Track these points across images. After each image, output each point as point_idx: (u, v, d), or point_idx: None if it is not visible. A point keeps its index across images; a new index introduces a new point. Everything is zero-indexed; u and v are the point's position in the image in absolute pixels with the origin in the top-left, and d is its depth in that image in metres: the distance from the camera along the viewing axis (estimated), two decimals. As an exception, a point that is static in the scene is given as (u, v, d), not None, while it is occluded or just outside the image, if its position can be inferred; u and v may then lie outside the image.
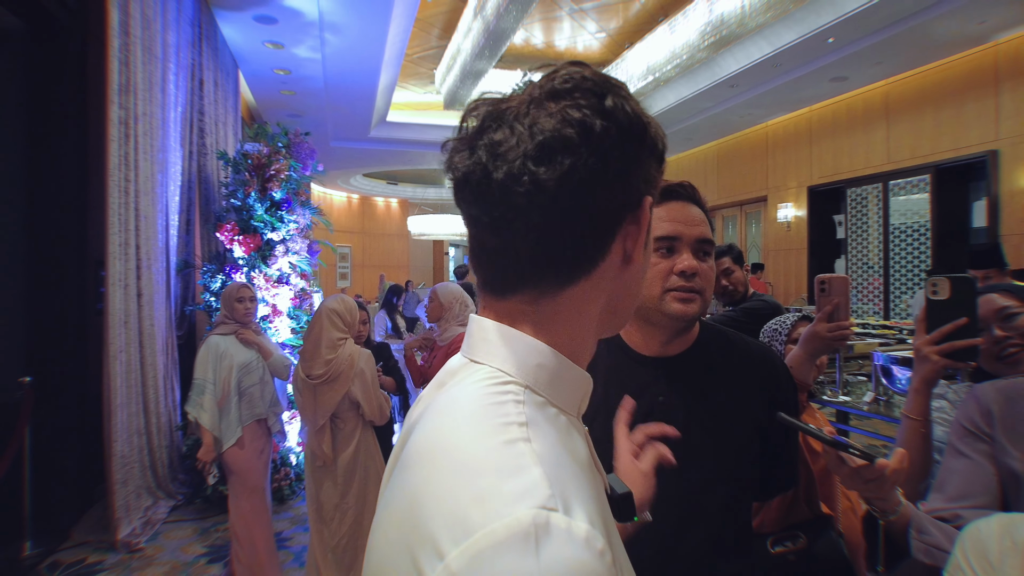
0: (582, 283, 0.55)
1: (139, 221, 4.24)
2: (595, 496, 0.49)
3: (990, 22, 6.04)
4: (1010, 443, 1.13)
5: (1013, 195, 6.51)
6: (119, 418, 3.96)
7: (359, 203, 18.20)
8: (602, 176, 0.52)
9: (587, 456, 0.56)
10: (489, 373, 0.54)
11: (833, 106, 8.76)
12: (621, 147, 0.53)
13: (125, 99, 4.05)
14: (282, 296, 4.98)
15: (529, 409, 0.51)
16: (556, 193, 0.51)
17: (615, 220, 0.55)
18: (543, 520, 0.40)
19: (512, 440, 0.46)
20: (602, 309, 0.58)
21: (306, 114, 9.11)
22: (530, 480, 0.43)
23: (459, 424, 0.50)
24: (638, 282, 0.61)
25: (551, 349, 0.55)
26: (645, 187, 0.57)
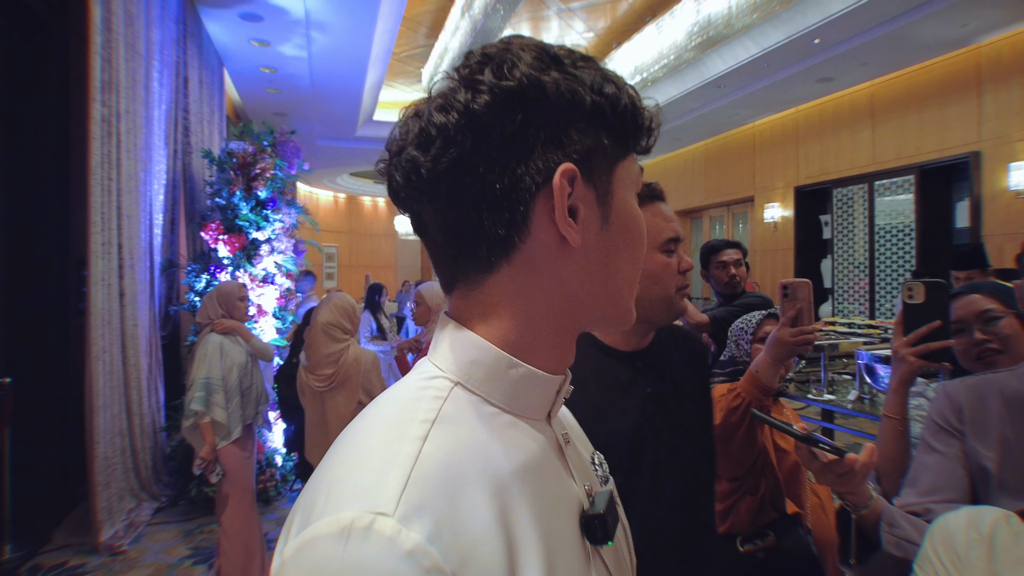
0: (504, 269, 0.52)
1: (122, 220, 4.20)
2: (495, 508, 0.44)
3: (972, 25, 6.11)
4: (979, 438, 1.14)
5: (995, 196, 6.59)
6: (101, 419, 3.92)
7: (346, 202, 18.13)
8: (480, 153, 0.49)
9: (535, 463, 0.51)
10: (426, 369, 0.54)
11: (819, 107, 8.82)
12: (503, 119, 0.49)
13: (108, 97, 4.01)
14: (267, 296, 4.95)
15: (450, 406, 0.49)
16: (438, 178, 0.50)
17: (516, 197, 0.50)
18: (364, 523, 0.39)
19: (402, 437, 0.45)
20: (555, 299, 0.53)
21: (292, 113, 9.07)
22: (381, 480, 0.42)
23: (375, 414, 0.50)
24: (601, 264, 0.54)
25: (490, 345, 0.52)
26: (561, 155, 0.50)
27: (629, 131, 0.55)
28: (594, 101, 0.51)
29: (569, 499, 0.54)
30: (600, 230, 0.53)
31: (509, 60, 0.50)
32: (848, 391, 3.70)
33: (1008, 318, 1.40)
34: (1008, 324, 1.40)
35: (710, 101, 8.80)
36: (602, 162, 0.53)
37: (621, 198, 0.55)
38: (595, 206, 0.53)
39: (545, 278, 0.52)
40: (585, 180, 0.52)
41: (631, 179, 0.56)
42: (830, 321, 6.73)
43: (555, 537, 0.48)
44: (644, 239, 0.57)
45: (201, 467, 3.08)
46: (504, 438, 0.50)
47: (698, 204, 11.62)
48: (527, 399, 0.54)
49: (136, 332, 4.37)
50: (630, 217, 0.56)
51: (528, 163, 0.49)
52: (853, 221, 8.49)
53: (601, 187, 0.53)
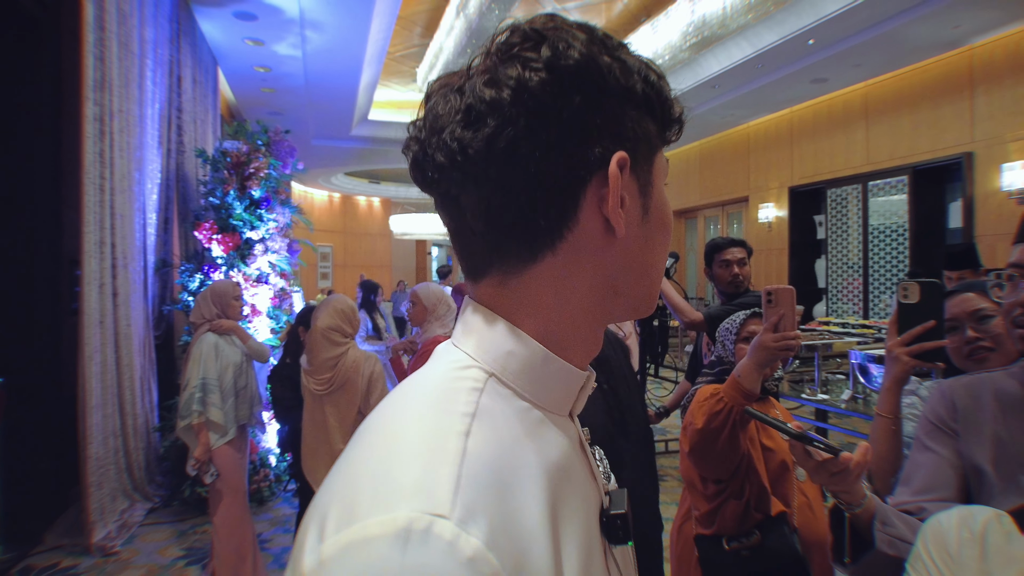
0: (548, 259, 0.50)
1: (115, 219, 4.18)
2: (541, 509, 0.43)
3: (964, 26, 6.15)
4: (973, 437, 1.14)
5: (987, 196, 6.62)
6: (94, 419, 3.90)
7: (340, 202, 18.10)
8: (538, 135, 0.46)
9: (566, 461, 0.49)
10: (458, 357, 0.51)
11: (814, 107, 8.85)
12: (562, 100, 0.46)
13: (101, 95, 3.99)
14: (261, 296, 4.93)
15: (486, 399, 0.46)
16: (487, 160, 0.47)
17: (571, 184, 0.48)
18: (423, 525, 0.36)
19: (446, 431, 0.43)
20: (595, 290, 0.52)
21: (287, 112, 9.05)
22: (433, 479, 0.39)
23: (407, 404, 0.47)
24: (640, 255, 0.53)
25: (526, 336, 0.50)
26: (614, 142, 0.49)
27: (668, 121, 0.54)
28: (644, 88, 0.51)
29: (592, 497, 0.53)
30: (641, 221, 0.52)
31: (565, 38, 0.47)
32: (842, 391, 3.72)
33: (1000, 317, 1.41)
34: (1000, 323, 1.41)
35: (705, 101, 8.82)
36: (647, 152, 0.52)
37: (658, 189, 0.54)
38: (638, 196, 0.52)
39: (588, 269, 0.51)
40: (632, 169, 0.50)
41: (664, 170, 0.56)
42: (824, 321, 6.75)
43: (586, 534, 0.48)
44: (671, 229, 0.57)
45: (196, 468, 3.06)
46: (539, 435, 0.48)
47: (693, 204, 11.65)
48: (556, 394, 0.52)
49: (130, 332, 4.35)
50: (665, 208, 0.56)
51: (586, 149, 0.48)
52: (847, 221, 8.52)
53: (643, 177, 0.52)
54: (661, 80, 0.53)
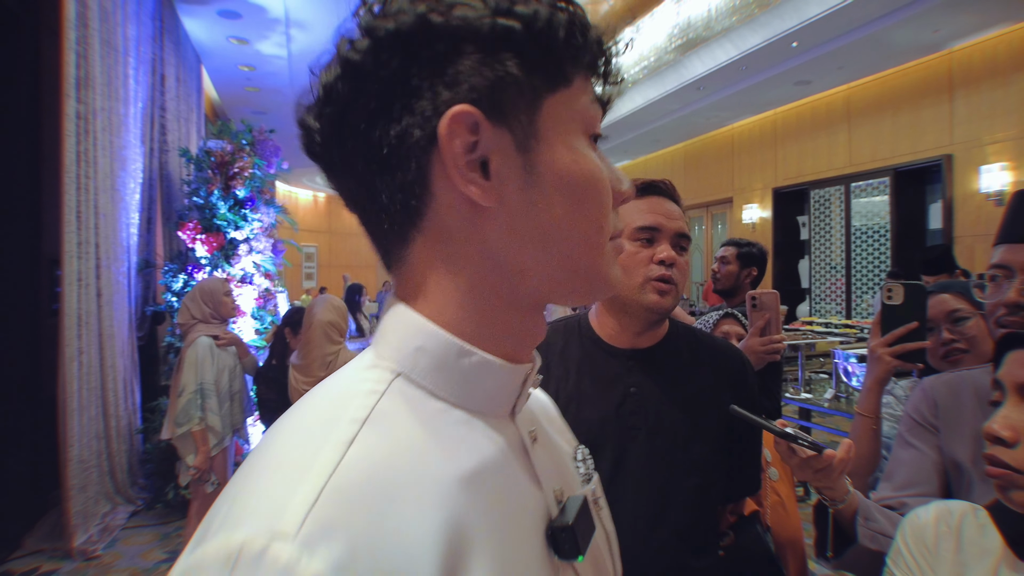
0: (418, 240, 0.45)
1: (98, 219, 4.13)
2: (435, 524, 0.37)
3: (944, 31, 6.24)
4: (953, 434, 1.17)
5: (966, 198, 6.73)
6: (76, 422, 3.85)
7: (326, 202, 18.00)
8: (360, 104, 0.42)
9: (491, 468, 0.44)
10: (366, 359, 0.47)
11: (797, 109, 8.94)
12: (380, 62, 0.41)
13: (83, 93, 3.94)
14: (246, 296, 4.90)
15: (387, 402, 0.42)
16: (328, 143, 0.45)
17: (405, 155, 0.42)
18: (256, 548, 0.32)
19: (324, 441, 0.38)
20: (486, 270, 0.45)
21: (271, 111, 8.98)
22: (289, 494, 0.35)
23: (299, 414, 0.43)
24: (532, 224, 0.44)
25: (438, 329, 0.45)
26: (450, 94, 0.41)
27: (560, 55, 0.44)
28: (496, 24, 0.41)
29: (532, 508, 0.46)
30: (525, 183, 0.43)
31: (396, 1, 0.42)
32: (825, 390, 3.76)
33: (976, 319, 1.44)
34: (975, 325, 1.43)
35: (690, 103, 8.88)
36: (518, 98, 0.42)
37: (554, 141, 0.44)
38: (513, 154, 0.43)
39: (465, 246, 0.44)
40: (495, 123, 0.42)
41: (573, 116, 0.45)
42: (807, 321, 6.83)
43: (512, 552, 0.42)
44: (599, 190, 0.46)
45: (195, 477, 2.99)
46: (452, 439, 0.43)
47: (678, 205, 11.72)
48: (483, 393, 0.46)
49: (113, 333, 4.30)
50: (569, 164, 0.45)
51: (414, 111, 0.41)
52: (830, 222, 8.61)
53: (520, 129, 0.43)
54: (542, 7, 0.43)
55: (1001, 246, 1.15)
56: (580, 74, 0.46)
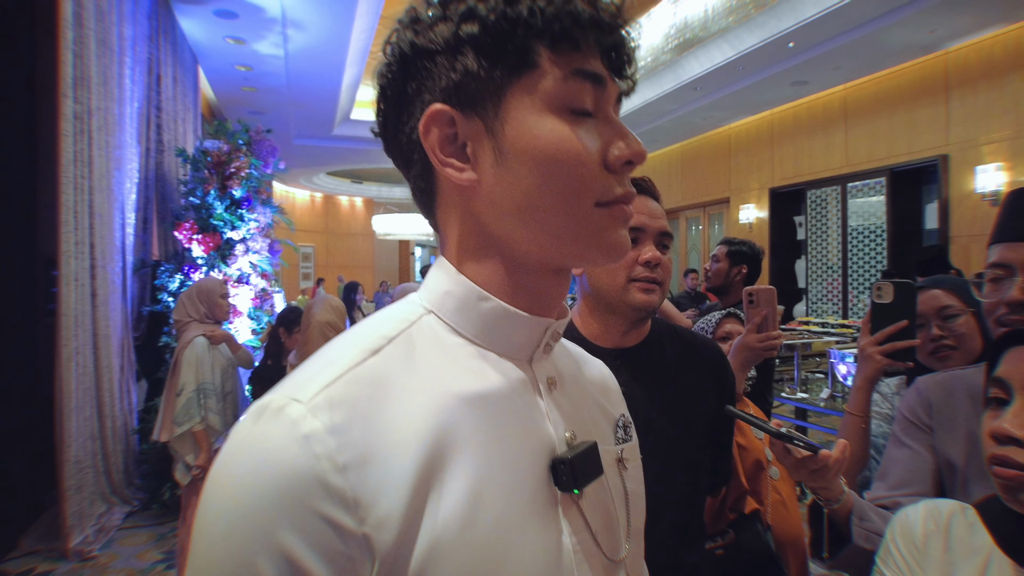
0: (439, 212, 0.56)
1: (94, 219, 4.11)
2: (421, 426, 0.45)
3: (939, 32, 6.26)
4: (947, 434, 1.17)
5: (962, 198, 6.75)
6: (72, 422, 3.84)
7: (322, 202, 17.98)
8: (384, 113, 0.55)
9: (494, 396, 0.51)
10: (410, 299, 0.57)
11: (794, 109, 8.96)
12: (390, 80, 0.53)
13: (79, 93, 3.93)
14: (242, 296, 4.89)
15: (416, 329, 0.52)
16: (383, 139, 0.57)
17: (412, 147, 0.54)
18: (279, 404, 0.43)
19: (357, 345, 0.48)
20: (485, 237, 0.53)
21: (268, 111, 8.97)
22: (316, 375, 0.45)
23: (348, 332, 0.52)
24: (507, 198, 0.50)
25: (462, 277, 0.54)
26: (429, 97, 0.51)
27: (519, 42, 0.48)
28: (459, 31, 0.49)
29: (538, 439, 0.53)
30: (496, 162, 0.50)
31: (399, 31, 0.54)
32: (821, 389, 3.77)
33: (966, 316, 1.44)
34: (965, 322, 1.43)
35: (686, 103, 8.89)
36: (483, 89, 0.49)
37: (518, 123, 0.49)
38: (485, 139, 0.51)
39: (466, 218, 0.54)
40: (467, 114, 0.50)
41: (540, 96, 0.49)
42: (804, 321, 6.84)
43: (503, 470, 0.48)
44: (567, 161, 0.49)
45: (199, 476, 2.98)
46: (464, 366, 0.51)
47: (675, 205, 11.73)
48: (500, 335, 0.54)
49: (108, 333, 4.28)
50: (532, 141, 0.49)
51: (413, 114, 0.52)
52: (826, 222, 8.63)
53: (487, 117, 0.50)
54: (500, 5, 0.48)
55: (999, 245, 1.14)
56: (549, 54, 0.49)
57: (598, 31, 0.50)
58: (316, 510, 0.41)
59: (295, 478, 0.41)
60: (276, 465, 0.41)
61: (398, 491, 0.43)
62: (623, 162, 0.51)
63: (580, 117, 0.50)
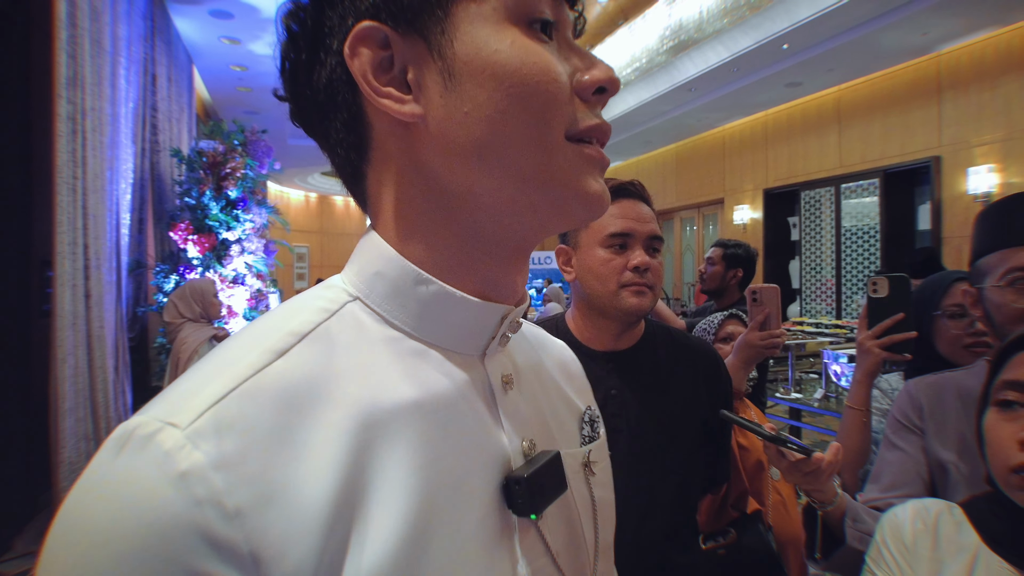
0: (369, 171, 0.46)
1: (88, 220, 4.10)
2: (340, 447, 0.36)
3: (932, 34, 6.30)
4: (938, 435, 1.19)
5: (954, 200, 6.80)
6: (67, 423, 3.83)
7: (317, 202, 17.95)
8: (292, 57, 0.45)
9: (444, 401, 0.42)
10: (330, 280, 0.47)
11: (788, 111, 9.00)
12: (298, 12, 0.44)
13: (73, 94, 3.92)
14: (238, 297, 4.89)
15: (335, 322, 0.42)
16: (290, 99, 0.47)
17: (334, 87, 0.43)
18: (149, 430, 0.33)
19: (256, 346, 0.38)
20: (433, 197, 0.43)
21: (263, 111, 8.95)
22: (198, 389, 0.35)
23: (249, 325, 0.42)
24: (460, 133, 0.41)
25: (396, 255, 0.44)
26: (353, 17, 0.41)
27: None
28: None
29: (489, 454, 0.44)
30: (445, 88, 0.41)
31: None
32: (815, 390, 3.79)
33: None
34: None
35: (681, 104, 8.91)
36: (422, 5, 0.41)
37: (471, 37, 0.40)
38: (429, 60, 0.41)
39: (405, 173, 0.43)
40: (404, 32, 0.41)
41: (493, 6, 0.41)
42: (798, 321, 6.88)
43: (446, 497, 0.40)
44: (535, 80, 0.40)
45: None
46: (397, 368, 0.41)
47: (669, 206, 11.76)
48: (444, 326, 0.44)
49: (103, 334, 4.27)
50: (491, 55, 0.40)
51: (332, 49, 0.42)
52: (820, 223, 8.67)
53: (431, 33, 0.41)
54: None
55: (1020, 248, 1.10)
56: None
57: None
58: (196, 573, 0.31)
59: (167, 531, 0.31)
60: (141, 515, 0.31)
61: (311, 536, 0.33)
62: (595, 87, 0.43)
63: (541, 34, 0.42)
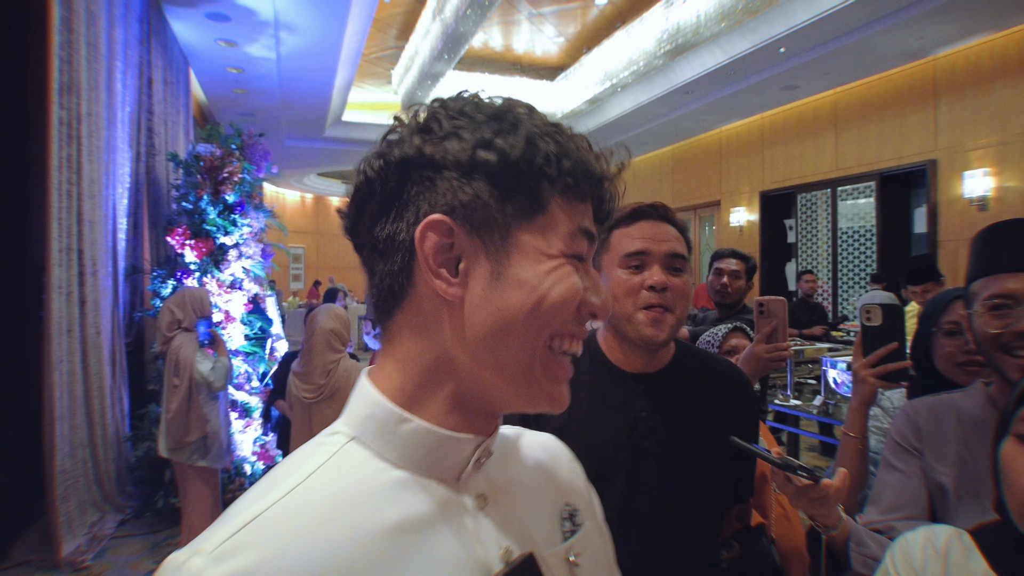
0: (398, 316, 0.54)
1: (83, 226, 4.08)
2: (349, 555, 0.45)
3: (928, 38, 6.33)
4: (937, 457, 1.19)
5: (950, 203, 6.82)
6: (61, 430, 3.81)
7: (313, 203, 17.92)
8: (369, 207, 0.54)
9: (422, 521, 0.50)
10: (332, 425, 0.55)
11: (784, 113, 9.02)
12: (387, 178, 0.52)
13: (68, 99, 3.90)
14: (235, 302, 4.87)
15: (335, 461, 0.50)
16: (351, 225, 0.56)
17: (396, 247, 0.52)
18: (182, 559, 0.43)
19: (276, 488, 0.48)
20: (442, 354, 0.52)
21: (259, 113, 8.93)
22: (220, 528, 0.45)
23: (271, 476, 0.51)
24: (489, 324, 0.50)
25: (382, 399, 0.52)
26: (429, 206, 0.51)
27: (533, 185, 0.51)
28: (474, 156, 0.50)
29: (467, 566, 0.50)
30: (489, 285, 0.51)
31: (405, 133, 0.53)
32: (813, 396, 3.80)
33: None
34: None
35: (678, 107, 8.92)
36: (490, 218, 0.51)
37: (524, 257, 0.51)
38: (484, 261, 0.51)
39: (431, 329, 0.52)
40: (470, 232, 0.51)
41: (547, 240, 0.52)
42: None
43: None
44: (567, 297, 0.52)
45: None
46: (382, 495, 0.49)
47: (666, 207, 11.78)
48: (423, 456, 0.52)
49: (99, 340, 4.25)
50: (538, 276, 0.51)
51: (404, 217, 0.51)
52: (816, 225, 8.70)
53: (491, 241, 0.51)
54: (530, 147, 0.51)
55: (998, 276, 1.13)
56: (560, 201, 0.53)
57: (600, 187, 0.55)
58: None
59: None
60: None
61: None
62: (596, 312, 0.54)
63: (577, 263, 0.54)
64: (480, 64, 9.83)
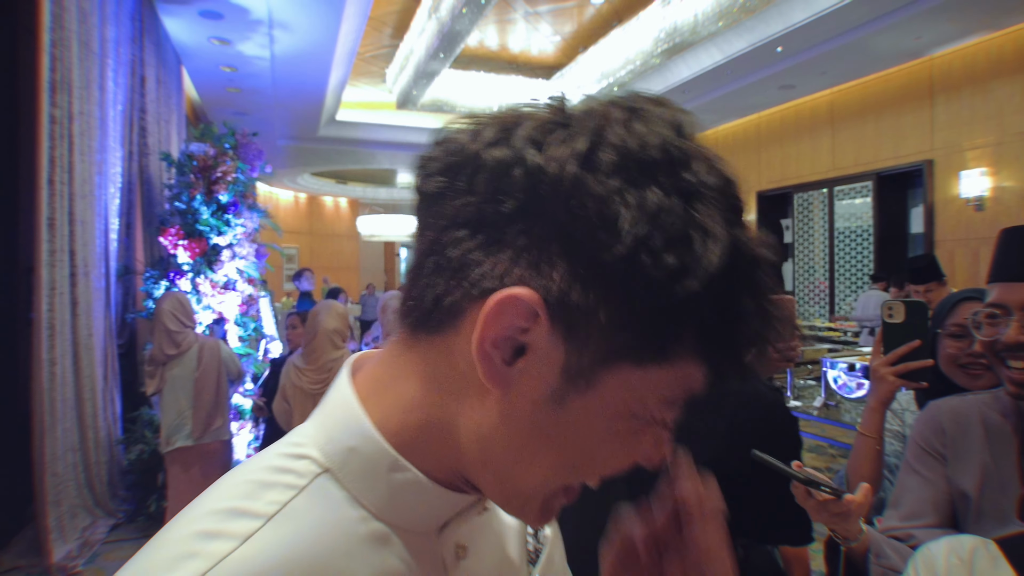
0: (421, 347, 0.42)
1: (75, 226, 4.02)
2: None
3: (925, 38, 6.33)
4: (960, 463, 1.16)
5: (946, 203, 6.83)
6: (52, 433, 3.75)
7: (307, 202, 17.83)
8: (460, 195, 0.39)
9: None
10: (300, 435, 0.44)
11: (781, 113, 9.02)
12: (512, 190, 0.37)
13: (59, 97, 3.83)
14: (229, 302, 4.82)
15: (303, 500, 0.40)
16: (423, 212, 0.42)
17: (459, 282, 0.38)
18: None
19: (219, 532, 0.37)
20: (451, 429, 0.41)
21: (253, 112, 8.86)
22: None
23: (215, 492, 0.41)
24: (517, 438, 0.40)
25: (375, 435, 0.42)
26: (522, 273, 0.37)
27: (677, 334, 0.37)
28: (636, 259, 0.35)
29: None
30: (544, 402, 0.38)
31: (555, 143, 0.37)
32: (814, 397, 3.78)
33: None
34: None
35: (675, 106, 8.90)
36: (590, 335, 0.36)
37: (604, 401, 0.38)
38: (553, 372, 0.37)
39: (451, 393, 0.41)
40: (555, 327, 0.37)
41: (644, 391, 0.38)
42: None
43: None
44: (610, 465, 0.42)
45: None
46: (358, 553, 0.41)
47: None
48: (409, 511, 0.43)
49: (91, 342, 4.19)
50: (598, 429, 0.39)
51: (492, 254, 0.37)
52: (813, 225, 8.70)
53: (573, 360, 0.37)
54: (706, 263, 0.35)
55: (997, 284, 1.13)
56: (690, 359, 0.38)
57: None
58: None
59: None
60: None
61: None
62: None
63: (659, 429, 0.41)
64: (476, 63, 9.79)
